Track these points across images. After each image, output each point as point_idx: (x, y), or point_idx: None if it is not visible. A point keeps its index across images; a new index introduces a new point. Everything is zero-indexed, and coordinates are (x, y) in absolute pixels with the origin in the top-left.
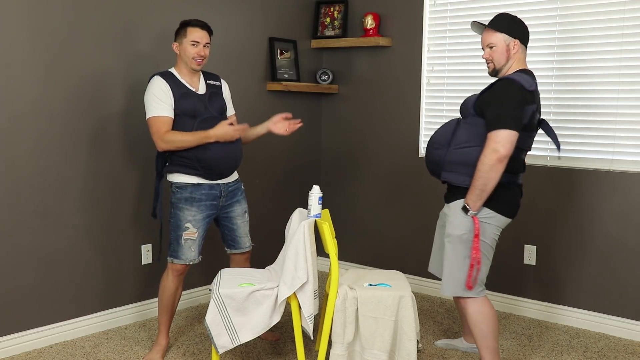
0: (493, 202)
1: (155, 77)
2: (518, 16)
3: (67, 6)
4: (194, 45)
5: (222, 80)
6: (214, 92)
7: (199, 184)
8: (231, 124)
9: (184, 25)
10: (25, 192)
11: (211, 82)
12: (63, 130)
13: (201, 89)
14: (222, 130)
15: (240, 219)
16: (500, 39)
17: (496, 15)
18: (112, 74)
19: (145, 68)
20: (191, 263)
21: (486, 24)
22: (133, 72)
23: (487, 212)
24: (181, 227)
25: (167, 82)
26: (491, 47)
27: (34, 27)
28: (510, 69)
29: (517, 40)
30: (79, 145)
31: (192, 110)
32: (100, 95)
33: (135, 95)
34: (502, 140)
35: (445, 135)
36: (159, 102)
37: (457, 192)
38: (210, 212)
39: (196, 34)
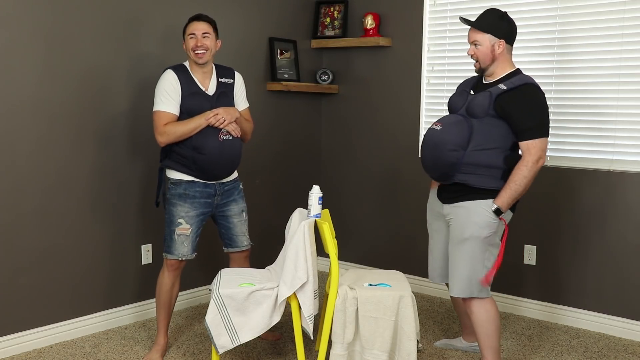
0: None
1: (168, 70)
2: (508, 14)
3: (69, 4)
4: (192, 37)
5: (237, 75)
6: (223, 92)
7: (193, 181)
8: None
9: (187, 23)
10: (26, 192)
11: (223, 80)
12: (64, 129)
13: (211, 88)
14: (203, 119)
15: (237, 218)
16: (485, 38)
17: (485, 12)
18: (114, 72)
19: (148, 66)
20: (184, 259)
21: (473, 20)
22: (135, 71)
23: (508, 212)
24: (174, 223)
25: (178, 77)
26: (476, 45)
27: (35, 25)
28: (498, 68)
29: (502, 40)
30: (80, 145)
31: (198, 110)
32: (101, 94)
33: (138, 94)
34: (545, 149)
35: (462, 136)
36: (167, 96)
37: (472, 191)
38: (205, 209)
39: (192, 26)
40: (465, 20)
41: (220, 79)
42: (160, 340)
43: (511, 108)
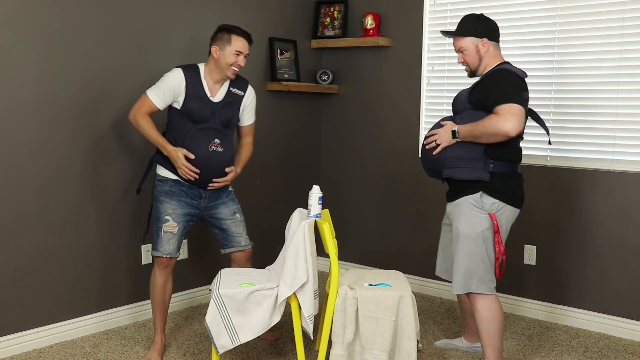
0: (501, 194)
1: (179, 70)
2: (488, 15)
3: (70, 4)
4: (238, 54)
5: (249, 89)
6: (229, 102)
7: (179, 181)
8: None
9: (227, 31)
10: (25, 192)
11: (234, 90)
12: (64, 130)
13: (218, 96)
14: (174, 157)
15: (230, 219)
16: (468, 42)
17: (461, 19)
18: (114, 73)
19: (148, 67)
20: (169, 257)
21: (453, 30)
22: (135, 72)
23: (499, 205)
24: (161, 219)
25: (186, 79)
26: (462, 52)
27: (35, 26)
28: (487, 66)
29: (484, 38)
30: (80, 145)
31: (197, 115)
32: (101, 94)
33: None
34: (515, 113)
35: None
36: (162, 91)
37: (462, 187)
38: (192, 210)
39: (241, 43)
40: (446, 33)
41: (231, 89)
42: (157, 340)
43: (482, 94)
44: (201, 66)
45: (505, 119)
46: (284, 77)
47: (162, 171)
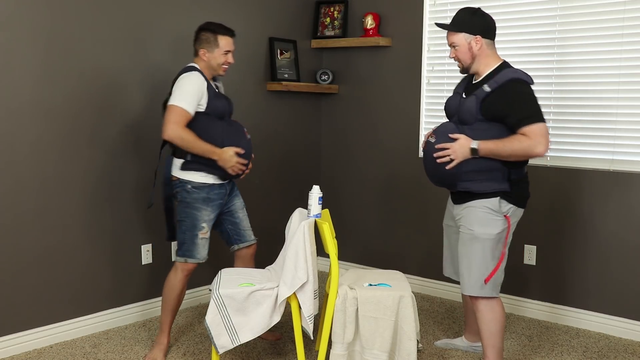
0: (515, 197)
1: (197, 73)
2: (484, 10)
3: (69, 6)
4: (227, 53)
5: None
6: (223, 93)
7: (213, 185)
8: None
9: (211, 32)
10: (25, 192)
11: (216, 82)
12: (63, 130)
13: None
14: (227, 158)
15: (242, 212)
16: (461, 38)
17: (457, 12)
18: (114, 72)
19: (147, 67)
20: (204, 261)
21: (448, 23)
22: (134, 71)
23: (514, 208)
24: (197, 227)
25: (205, 79)
26: (455, 47)
27: (35, 27)
28: (481, 65)
29: (478, 36)
30: (79, 145)
31: (222, 111)
32: (101, 94)
33: (137, 95)
34: (544, 134)
35: None
36: (192, 97)
37: (476, 194)
38: (219, 210)
39: (227, 42)
40: (440, 25)
41: (215, 82)
42: (163, 340)
43: (499, 107)
44: (197, 67)
45: (538, 142)
46: (284, 77)
47: (197, 177)
